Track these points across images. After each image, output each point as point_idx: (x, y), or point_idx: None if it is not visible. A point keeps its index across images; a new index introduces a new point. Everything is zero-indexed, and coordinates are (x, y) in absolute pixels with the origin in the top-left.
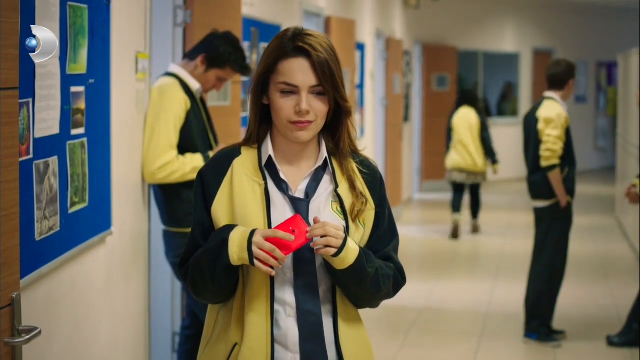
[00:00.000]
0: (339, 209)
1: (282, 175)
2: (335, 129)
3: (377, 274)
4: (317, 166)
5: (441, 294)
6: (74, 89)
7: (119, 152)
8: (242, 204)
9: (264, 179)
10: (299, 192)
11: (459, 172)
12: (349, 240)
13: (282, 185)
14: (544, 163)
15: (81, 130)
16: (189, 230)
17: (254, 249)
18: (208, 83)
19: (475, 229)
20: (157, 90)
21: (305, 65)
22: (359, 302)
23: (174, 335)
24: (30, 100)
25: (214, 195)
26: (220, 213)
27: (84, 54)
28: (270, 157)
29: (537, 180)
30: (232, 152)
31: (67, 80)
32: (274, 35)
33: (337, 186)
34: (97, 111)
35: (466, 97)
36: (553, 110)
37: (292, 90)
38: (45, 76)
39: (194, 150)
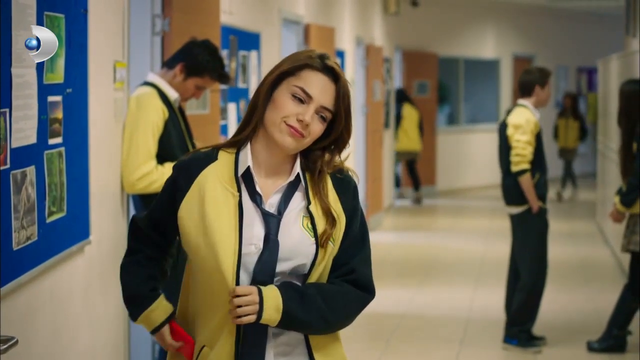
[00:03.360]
0: (309, 225)
1: (257, 188)
2: (320, 151)
3: (320, 314)
4: (289, 181)
5: (422, 300)
6: (51, 98)
7: (97, 161)
8: (215, 213)
9: (239, 189)
10: (269, 205)
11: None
12: (268, 301)
13: (255, 197)
14: (513, 168)
15: (59, 140)
16: None
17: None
18: (187, 92)
19: (417, 200)
20: (134, 100)
21: (330, 86)
22: (315, 334)
23: (153, 344)
24: (7, 110)
25: (181, 197)
26: (187, 220)
27: (61, 63)
28: (248, 167)
29: (509, 185)
30: (208, 156)
31: (45, 90)
32: (253, 43)
33: (309, 203)
34: (74, 121)
35: (404, 95)
36: (522, 116)
37: (303, 98)
38: (22, 86)
39: (173, 159)
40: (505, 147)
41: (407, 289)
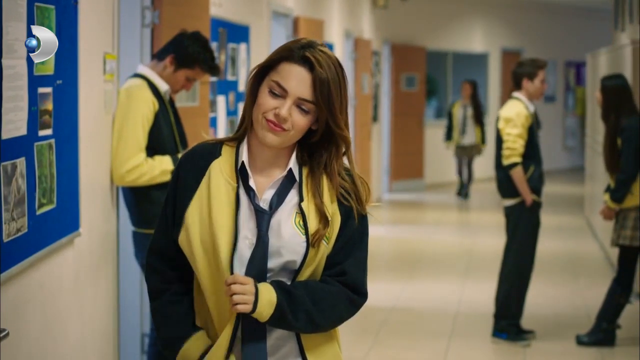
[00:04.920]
0: (301, 223)
1: (251, 183)
2: (321, 148)
3: (309, 316)
4: (282, 175)
5: (411, 293)
6: (41, 89)
7: (87, 153)
8: (217, 206)
9: (237, 182)
10: (263, 201)
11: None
12: (263, 294)
13: (249, 193)
14: (505, 161)
15: (49, 132)
16: None
17: None
18: (177, 83)
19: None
20: (124, 92)
21: (306, 76)
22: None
23: (143, 337)
24: None
25: (189, 197)
26: (194, 218)
27: None
28: (242, 162)
29: (502, 178)
30: (213, 152)
31: (35, 81)
32: (242, 35)
33: (301, 199)
34: (64, 112)
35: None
36: (513, 109)
37: (279, 93)
38: (12, 77)
39: (163, 152)
40: (497, 140)
41: (395, 283)
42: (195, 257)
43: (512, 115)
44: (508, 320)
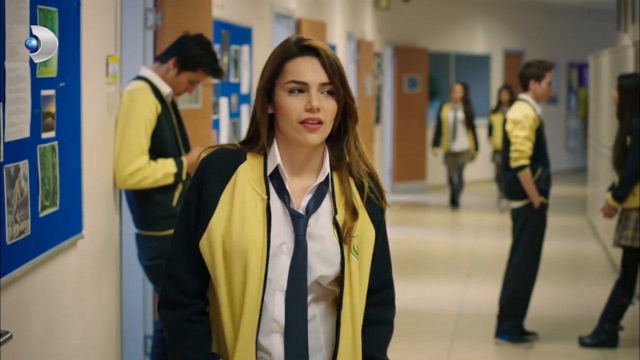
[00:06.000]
0: (336, 234)
1: (287, 187)
2: (339, 139)
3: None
4: (319, 181)
5: (413, 295)
6: (44, 92)
7: (90, 155)
8: (241, 217)
9: (267, 192)
10: (301, 208)
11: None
12: None
13: (284, 197)
14: (512, 164)
15: (52, 134)
16: (161, 233)
17: None
18: (180, 86)
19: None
20: (127, 94)
21: (315, 63)
22: None
23: (145, 339)
24: (0, 103)
25: (214, 202)
26: (218, 224)
27: (54, 57)
28: (278, 166)
29: (510, 180)
30: (238, 156)
31: (38, 84)
32: (244, 37)
33: (336, 212)
34: (67, 114)
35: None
36: (521, 112)
37: (301, 88)
38: (15, 79)
39: (165, 154)
40: (505, 142)
41: (398, 284)
42: (215, 263)
43: (520, 117)
44: (511, 322)
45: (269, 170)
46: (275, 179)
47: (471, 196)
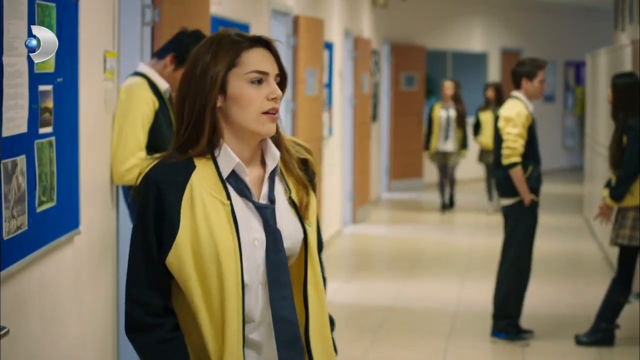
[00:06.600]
0: (295, 212)
1: (248, 183)
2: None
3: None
4: (273, 167)
5: (409, 293)
6: (42, 87)
7: (87, 151)
8: (207, 226)
9: (227, 196)
10: (262, 198)
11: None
12: None
13: (245, 193)
14: (504, 161)
15: (49, 129)
16: None
17: None
18: (177, 82)
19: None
20: (124, 90)
21: (268, 55)
22: None
23: None
24: None
25: (177, 218)
26: (185, 240)
27: None
28: (237, 164)
29: (501, 177)
30: (187, 165)
31: (35, 79)
32: None
33: (290, 191)
34: (65, 110)
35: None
36: (513, 109)
37: (261, 78)
38: (13, 75)
39: (163, 150)
40: (497, 139)
41: (394, 282)
42: (187, 275)
43: (512, 114)
44: (507, 320)
45: (225, 173)
46: (232, 178)
47: (467, 194)
